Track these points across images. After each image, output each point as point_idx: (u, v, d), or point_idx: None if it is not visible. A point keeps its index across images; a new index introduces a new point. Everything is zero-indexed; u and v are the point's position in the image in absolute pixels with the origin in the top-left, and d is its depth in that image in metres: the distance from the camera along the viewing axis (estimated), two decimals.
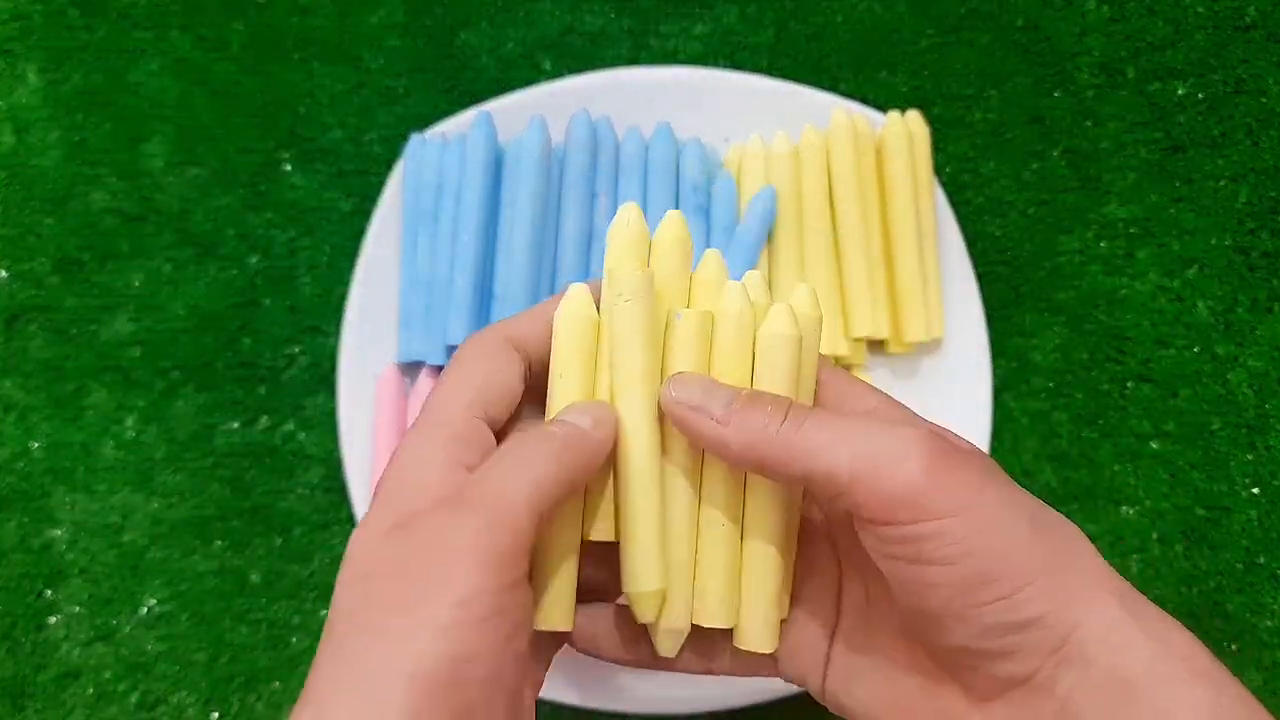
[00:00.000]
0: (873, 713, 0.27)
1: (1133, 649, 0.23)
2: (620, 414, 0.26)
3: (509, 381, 0.26)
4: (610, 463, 0.26)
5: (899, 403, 0.27)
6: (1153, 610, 0.24)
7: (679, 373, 0.26)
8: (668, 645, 0.28)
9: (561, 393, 0.26)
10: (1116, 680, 0.23)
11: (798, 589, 0.29)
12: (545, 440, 0.24)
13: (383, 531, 0.23)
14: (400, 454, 0.25)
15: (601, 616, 0.29)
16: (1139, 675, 0.23)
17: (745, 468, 0.26)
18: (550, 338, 0.27)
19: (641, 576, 0.26)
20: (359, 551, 0.23)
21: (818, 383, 0.28)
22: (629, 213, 0.27)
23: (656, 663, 0.29)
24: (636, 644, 0.29)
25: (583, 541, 0.27)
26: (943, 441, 0.24)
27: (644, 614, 0.27)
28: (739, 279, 0.27)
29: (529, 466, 0.23)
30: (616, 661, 0.29)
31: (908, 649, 0.26)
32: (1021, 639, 0.23)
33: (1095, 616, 0.23)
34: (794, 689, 0.42)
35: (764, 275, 0.43)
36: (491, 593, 0.21)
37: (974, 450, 0.26)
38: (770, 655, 0.28)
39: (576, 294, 0.27)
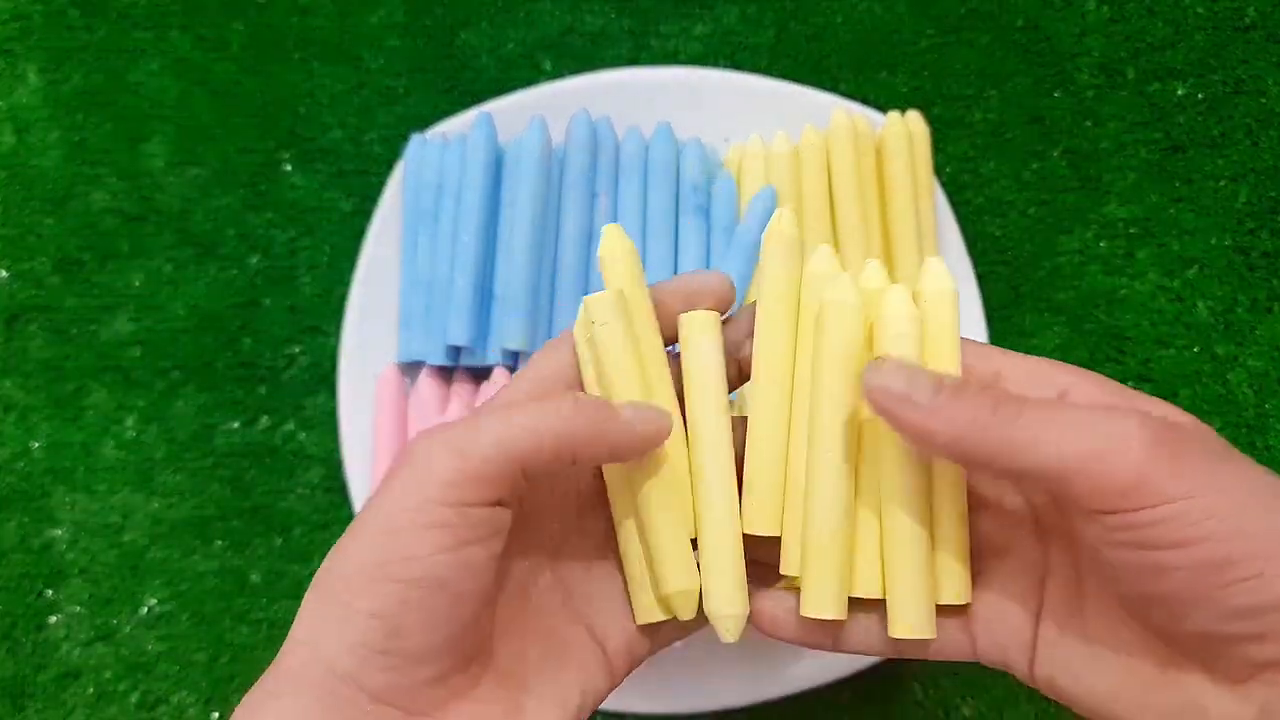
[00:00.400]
0: (1100, 698, 0.26)
1: None
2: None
3: (568, 369, 0.28)
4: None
5: (1095, 375, 0.26)
6: None
7: (879, 357, 0.25)
8: (730, 630, 0.27)
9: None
10: None
11: (992, 570, 0.28)
12: (563, 402, 0.25)
13: (439, 490, 0.25)
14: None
15: (784, 598, 0.28)
16: None
17: (949, 459, 0.26)
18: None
19: (671, 578, 0.26)
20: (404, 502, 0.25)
21: (1001, 369, 0.26)
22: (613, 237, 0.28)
23: (836, 645, 0.28)
24: (815, 627, 0.28)
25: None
26: (1164, 423, 0.23)
27: (682, 611, 0.27)
28: (737, 278, 0.27)
29: (526, 416, 0.24)
30: (796, 643, 0.28)
31: (1138, 632, 0.25)
32: (1274, 619, 0.22)
33: None
34: (795, 688, 0.42)
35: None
36: (436, 504, 0.23)
37: (1198, 427, 0.24)
38: (960, 636, 0.28)
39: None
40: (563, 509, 0.28)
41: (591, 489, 0.29)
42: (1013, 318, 0.48)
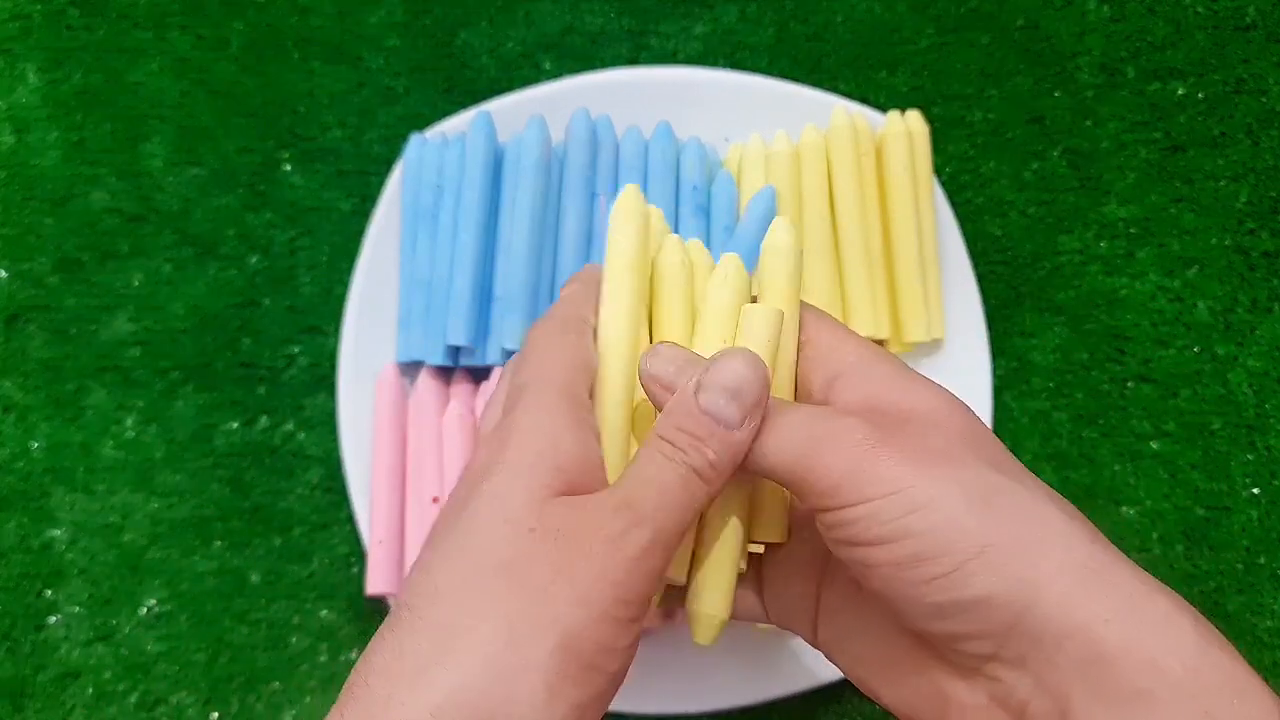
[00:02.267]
0: (864, 671, 0.26)
1: (1097, 625, 0.21)
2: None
3: (595, 360, 0.27)
4: None
5: (886, 357, 0.26)
6: (1125, 575, 0.22)
7: (660, 344, 0.26)
8: (706, 632, 0.28)
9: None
10: (1087, 659, 0.21)
11: (786, 545, 0.29)
12: (689, 485, 0.24)
13: (542, 496, 0.23)
14: (527, 418, 0.25)
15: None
16: (1111, 652, 0.21)
17: None
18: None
19: (708, 600, 0.27)
20: (513, 507, 0.23)
21: (805, 333, 0.27)
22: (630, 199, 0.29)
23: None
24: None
25: None
26: (882, 423, 0.24)
27: (700, 635, 0.28)
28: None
29: (684, 509, 0.24)
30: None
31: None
32: (972, 617, 0.22)
33: (1050, 591, 0.22)
34: (792, 689, 0.42)
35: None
36: (640, 602, 0.23)
37: (946, 422, 0.24)
38: (754, 600, 0.29)
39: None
40: None
41: None
42: (1013, 317, 0.48)
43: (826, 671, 0.42)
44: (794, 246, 0.28)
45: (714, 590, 0.27)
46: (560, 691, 0.21)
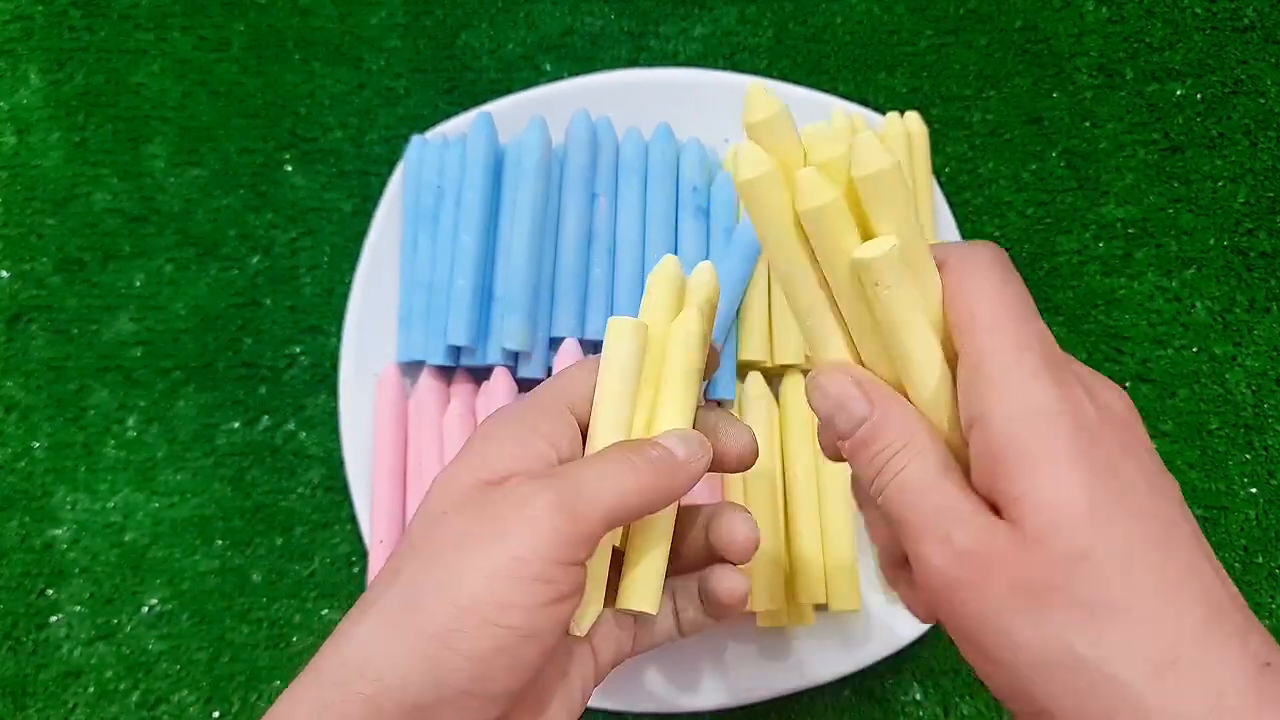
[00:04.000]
0: None
1: None
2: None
3: (592, 385, 0.28)
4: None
5: (1022, 428, 0.22)
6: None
7: (817, 372, 0.25)
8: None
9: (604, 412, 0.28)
10: None
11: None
12: (640, 458, 0.26)
13: (470, 481, 0.26)
14: (492, 423, 0.27)
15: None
16: None
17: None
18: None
19: (635, 598, 0.28)
20: (442, 492, 0.26)
21: (972, 354, 0.23)
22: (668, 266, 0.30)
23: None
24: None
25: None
26: (976, 545, 0.21)
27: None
28: (736, 278, 0.28)
29: (619, 477, 0.25)
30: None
31: None
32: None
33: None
34: (792, 688, 0.42)
35: (763, 276, 0.44)
36: (544, 561, 0.24)
37: (1041, 546, 0.21)
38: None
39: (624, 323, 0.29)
40: None
41: None
42: None
43: (826, 671, 0.42)
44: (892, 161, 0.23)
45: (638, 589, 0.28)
46: (450, 644, 0.23)
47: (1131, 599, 0.20)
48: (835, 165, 0.23)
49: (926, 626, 0.37)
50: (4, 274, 0.48)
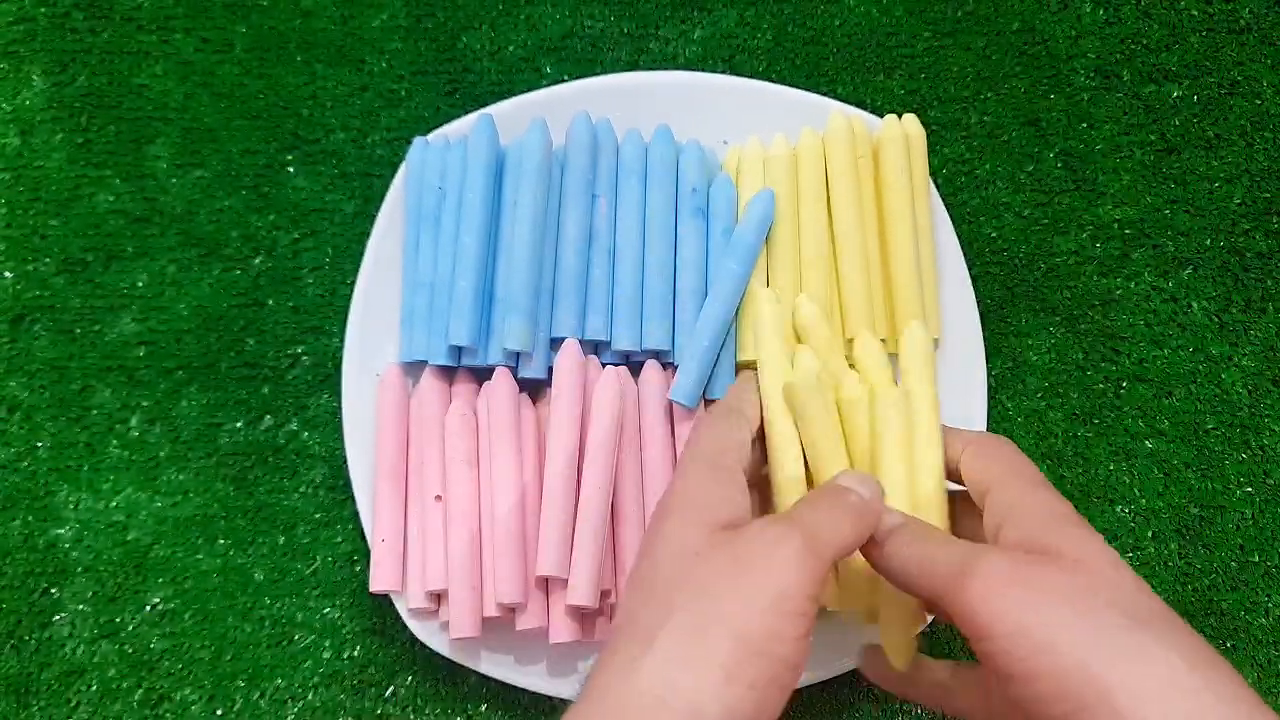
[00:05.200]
0: None
1: None
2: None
3: (747, 441, 0.35)
4: None
5: (1046, 502, 0.31)
6: None
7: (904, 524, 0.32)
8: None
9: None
10: None
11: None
12: (847, 504, 0.31)
13: (708, 525, 0.29)
14: (686, 481, 0.32)
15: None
16: None
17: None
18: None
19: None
20: (680, 536, 0.29)
21: (993, 488, 0.32)
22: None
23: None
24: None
25: None
26: (1014, 559, 0.28)
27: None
28: (735, 279, 0.29)
29: (838, 521, 0.30)
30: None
31: None
32: None
33: None
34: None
35: (762, 277, 0.44)
36: (802, 596, 0.27)
37: (1080, 570, 0.27)
38: None
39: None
40: None
41: None
42: (1008, 318, 0.49)
43: (825, 669, 0.42)
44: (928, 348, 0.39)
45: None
46: (736, 675, 0.26)
47: (1165, 612, 0.27)
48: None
49: (925, 626, 0.38)
50: (7, 275, 0.49)
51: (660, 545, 0.30)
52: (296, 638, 0.46)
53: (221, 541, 0.46)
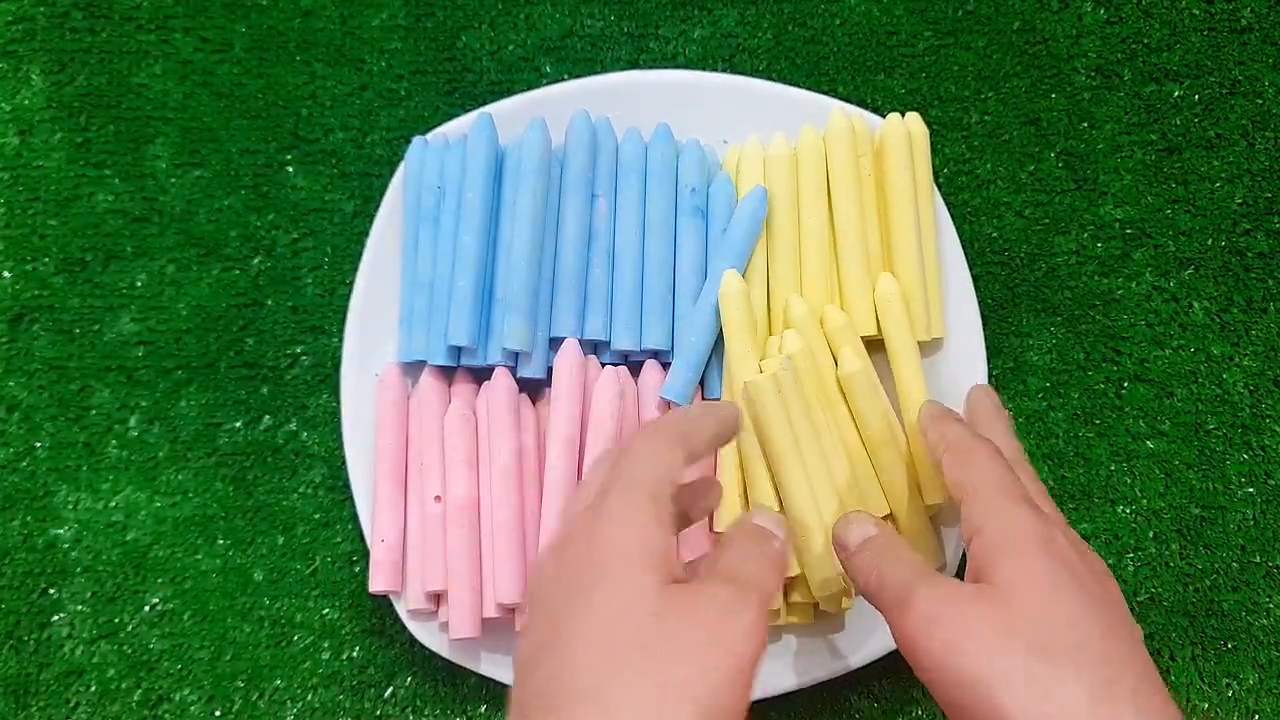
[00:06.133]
0: None
1: None
2: None
3: (684, 473, 0.32)
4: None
5: (1009, 524, 0.31)
6: None
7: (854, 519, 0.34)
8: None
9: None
10: None
11: None
12: (775, 554, 0.31)
13: (659, 585, 0.28)
14: (629, 517, 0.29)
15: None
16: None
17: None
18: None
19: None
20: (642, 598, 0.27)
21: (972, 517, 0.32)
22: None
23: None
24: None
25: None
26: (950, 596, 0.29)
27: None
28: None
29: (773, 577, 0.31)
30: None
31: None
32: None
33: None
34: (791, 685, 0.42)
35: (762, 277, 0.44)
36: (756, 665, 0.27)
37: (995, 604, 0.29)
38: None
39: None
40: None
41: None
42: (1009, 318, 0.49)
43: (825, 669, 0.42)
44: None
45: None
46: None
47: (1082, 641, 0.27)
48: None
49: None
50: (6, 274, 0.48)
51: (611, 598, 0.27)
52: (296, 638, 0.46)
53: (221, 542, 0.46)
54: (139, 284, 0.48)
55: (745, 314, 0.41)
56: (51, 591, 0.46)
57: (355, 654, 0.46)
